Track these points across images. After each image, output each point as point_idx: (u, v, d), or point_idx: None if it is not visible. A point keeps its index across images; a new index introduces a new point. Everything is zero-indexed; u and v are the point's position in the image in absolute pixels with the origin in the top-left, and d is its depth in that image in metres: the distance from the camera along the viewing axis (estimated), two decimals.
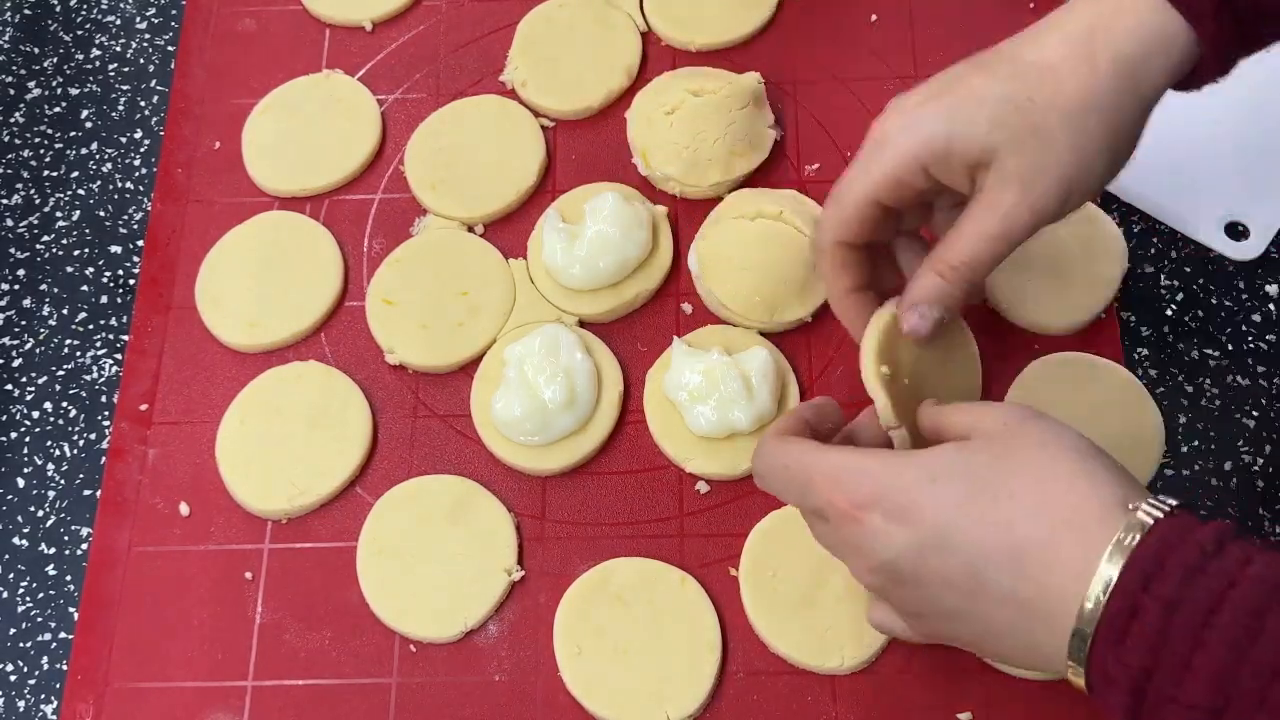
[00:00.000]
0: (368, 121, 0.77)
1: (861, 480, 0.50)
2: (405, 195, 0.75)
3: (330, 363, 0.71)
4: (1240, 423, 0.67)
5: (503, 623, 0.64)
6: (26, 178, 0.78)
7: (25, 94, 0.81)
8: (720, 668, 0.62)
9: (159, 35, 0.83)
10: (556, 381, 0.66)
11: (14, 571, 0.67)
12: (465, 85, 0.79)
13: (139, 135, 0.79)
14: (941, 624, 0.51)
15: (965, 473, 0.48)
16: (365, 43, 0.81)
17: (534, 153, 0.75)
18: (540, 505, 0.67)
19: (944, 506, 0.48)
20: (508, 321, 0.71)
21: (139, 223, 0.76)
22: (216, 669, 0.63)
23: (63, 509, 0.68)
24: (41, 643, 0.65)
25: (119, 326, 0.73)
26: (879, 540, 0.49)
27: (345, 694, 0.63)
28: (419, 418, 0.69)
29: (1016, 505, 0.47)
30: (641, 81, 0.78)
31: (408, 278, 0.72)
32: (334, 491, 0.67)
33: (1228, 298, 0.70)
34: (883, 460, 0.50)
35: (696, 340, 0.69)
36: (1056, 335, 0.69)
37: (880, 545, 0.49)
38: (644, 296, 0.71)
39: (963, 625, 0.49)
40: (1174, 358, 0.69)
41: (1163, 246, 0.72)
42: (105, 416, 0.70)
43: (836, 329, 0.70)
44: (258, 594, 0.65)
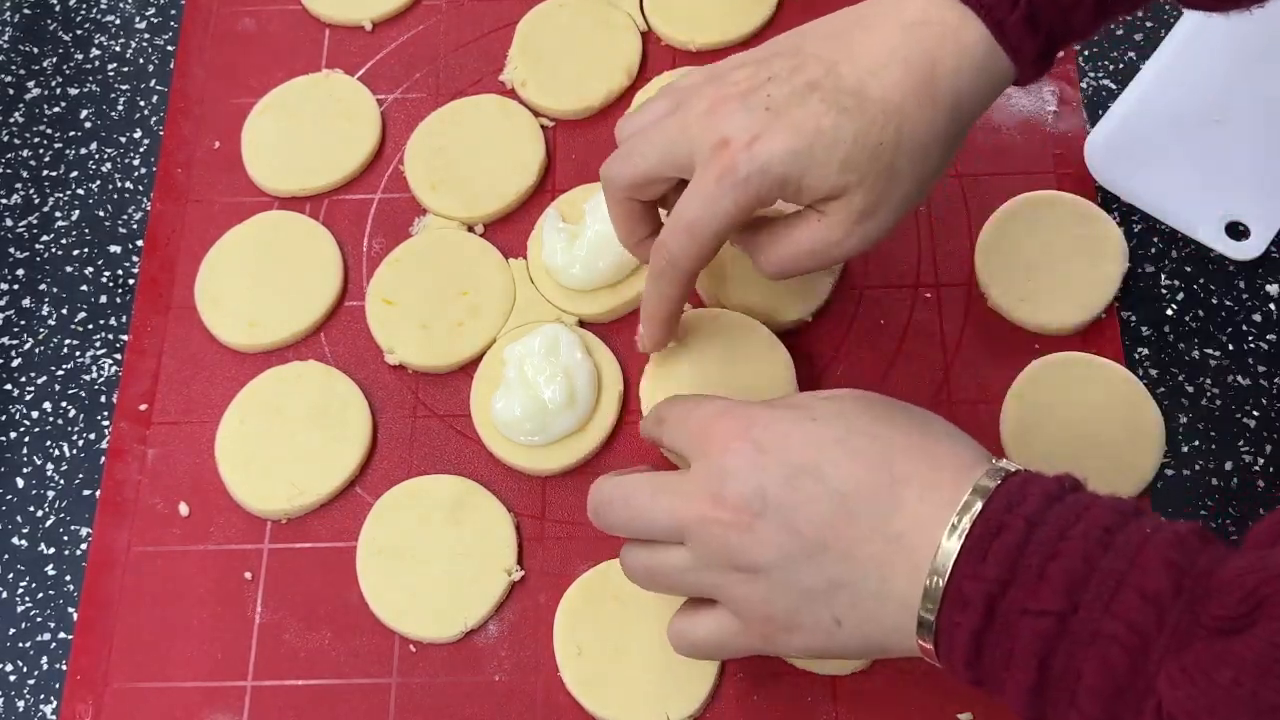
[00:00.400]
0: (367, 121, 0.77)
1: (744, 414, 0.52)
2: (405, 195, 0.75)
3: (330, 363, 0.71)
4: (1240, 423, 0.67)
5: (503, 623, 0.64)
6: (26, 177, 0.78)
7: (25, 94, 0.81)
8: (720, 668, 0.62)
9: (159, 35, 0.83)
10: (556, 381, 0.66)
11: (13, 571, 0.67)
12: (465, 85, 0.79)
13: (138, 135, 0.79)
14: (785, 576, 0.50)
15: (843, 415, 0.51)
16: (365, 42, 0.81)
17: (534, 153, 0.75)
18: (540, 505, 0.67)
19: (823, 441, 0.50)
20: (508, 321, 0.71)
21: (139, 222, 0.76)
22: (216, 669, 0.63)
23: (62, 509, 0.68)
24: (41, 643, 0.65)
25: (118, 326, 0.73)
26: (753, 466, 0.50)
27: (345, 694, 0.63)
28: (419, 418, 0.69)
29: (894, 447, 0.50)
30: (641, 81, 0.78)
31: (408, 278, 0.72)
32: (334, 491, 0.67)
33: (1228, 298, 0.70)
34: (764, 404, 0.54)
35: None
36: (1056, 335, 0.69)
37: (750, 472, 0.50)
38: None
39: (811, 575, 0.49)
40: (1174, 358, 0.69)
41: (1163, 246, 0.72)
42: (105, 416, 0.70)
43: (837, 329, 0.70)
44: (257, 594, 0.65)
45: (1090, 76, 0.77)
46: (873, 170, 0.54)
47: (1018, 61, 0.55)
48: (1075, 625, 0.43)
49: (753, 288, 0.69)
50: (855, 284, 0.71)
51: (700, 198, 0.56)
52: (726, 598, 0.52)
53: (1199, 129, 0.74)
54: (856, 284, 0.71)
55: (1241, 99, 0.74)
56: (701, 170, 0.56)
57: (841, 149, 0.53)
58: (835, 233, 0.56)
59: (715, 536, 0.51)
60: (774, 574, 0.50)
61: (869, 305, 0.71)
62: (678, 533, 0.52)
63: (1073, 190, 0.73)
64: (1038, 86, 0.76)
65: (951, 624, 0.46)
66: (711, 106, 0.56)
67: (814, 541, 0.49)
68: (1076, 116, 0.75)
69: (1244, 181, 0.72)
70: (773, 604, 0.51)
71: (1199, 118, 0.74)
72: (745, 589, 0.51)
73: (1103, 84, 0.77)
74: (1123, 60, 0.77)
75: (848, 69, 0.54)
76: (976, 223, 0.72)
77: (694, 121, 0.56)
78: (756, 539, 0.50)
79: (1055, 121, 0.75)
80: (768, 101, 0.54)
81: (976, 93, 0.55)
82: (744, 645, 0.53)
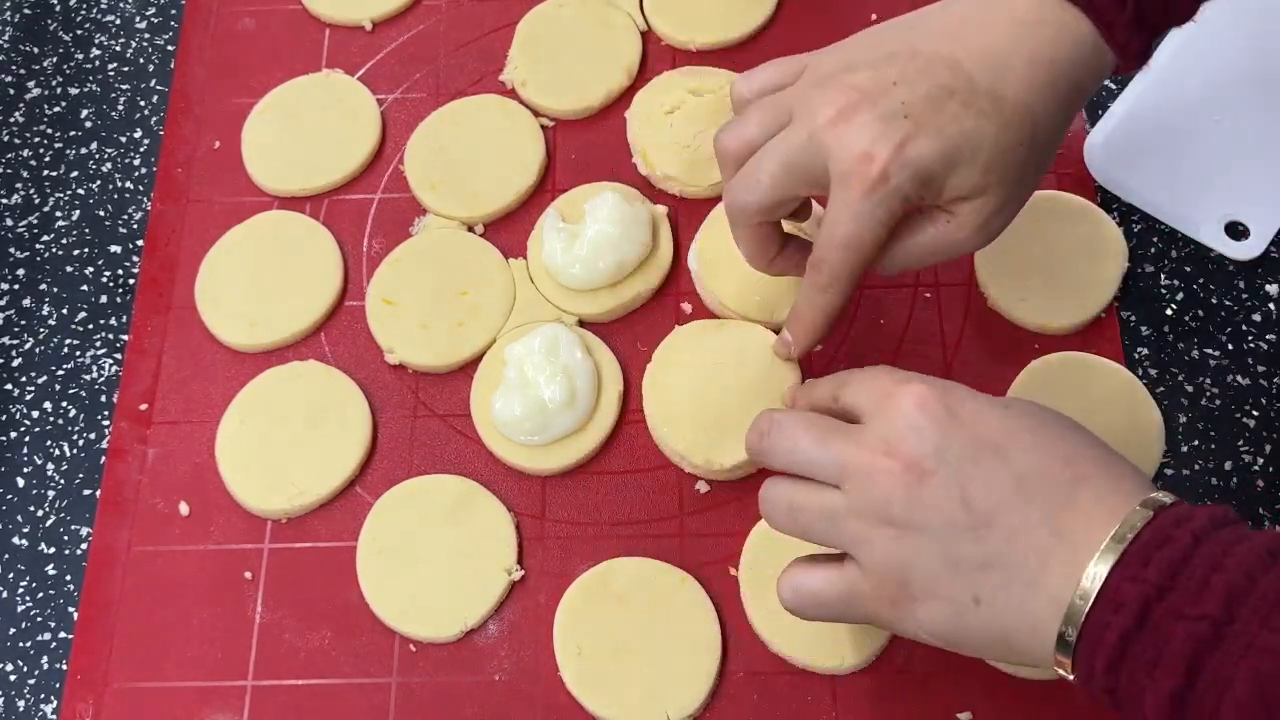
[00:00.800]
0: (367, 121, 0.77)
1: (943, 384, 0.52)
2: (405, 195, 0.75)
3: (330, 362, 0.71)
4: (1240, 423, 0.67)
5: (503, 623, 0.64)
6: (26, 177, 0.78)
7: (25, 94, 0.81)
8: (720, 668, 0.62)
9: (159, 35, 0.83)
10: (556, 381, 0.66)
11: (14, 571, 0.67)
12: (465, 85, 0.79)
13: (139, 135, 0.79)
14: (938, 541, 0.49)
15: (1038, 413, 0.51)
16: (365, 42, 0.81)
17: (534, 152, 0.75)
18: (540, 505, 0.67)
19: (1014, 427, 0.50)
20: (507, 321, 0.71)
21: (139, 222, 0.76)
22: (216, 669, 0.63)
23: (62, 509, 0.68)
24: (41, 642, 0.65)
25: (119, 326, 0.73)
26: (942, 427, 0.49)
27: (345, 694, 0.63)
28: (419, 417, 0.69)
29: (1079, 451, 0.49)
30: (641, 81, 0.78)
31: (408, 278, 0.72)
32: (334, 491, 0.67)
33: (1228, 298, 0.70)
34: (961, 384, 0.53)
35: None
36: (1056, 335, 0.69)
37: (935, 432, 0.49)
38: (644, 296, 0.71)
39: (967, 547, 0.48)
40: (1174, 358, 0.69)
41: (1163, 246, 0.72)
42: (105, 416, 0.70)
43: (837, 329, 0.70)
44: (257, 594, 0.65)
45: None
46: (1011, 171, 0.55)
47: (1123, 56, 0.55)
48: (1231, 635, 0.42)
49: (753, 288, 0.69)
50: None
51: (853, 212, 0.55)
52: (866, 553, 0.50)
53: (1199, 129, 0.74)
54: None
55: (1241, 99, 0.74)
56: (845, 184, 0.55)
57: (984, 153, 0.54)
58: (964, 231, 0.56)
59: (880, 484, 0.49)
60: (928, 535, 0.49)
61: (869, 305, 0.71)
62: (838, 474, 0.51)
63: (1073, 190, 0.73)
64: None
65: (1101, 624, 0.45)
66: (840, 115, 0.55)
67: (982, 515, 0.48)
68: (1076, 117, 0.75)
69: (1244, 181, 0.72)
70: (914, 567, 0.49)
71: (1199, 118, 0.74)
72: (891, 544, 0.49)
73: (1103, 84, 0.76)
74: None
75: (978, 72, 0.54)
76: None
77: (822, 132, 0.55)
78: (923, 495, 0.49)
79: None
80: (904, 109, 0.54)
81: (1088, 88, 0.56)
82: (864, 609, 0.52)
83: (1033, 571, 0.47)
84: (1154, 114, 0.74)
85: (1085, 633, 0.45)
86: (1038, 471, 0.48)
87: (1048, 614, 0.46)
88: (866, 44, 0.57)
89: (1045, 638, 0.47)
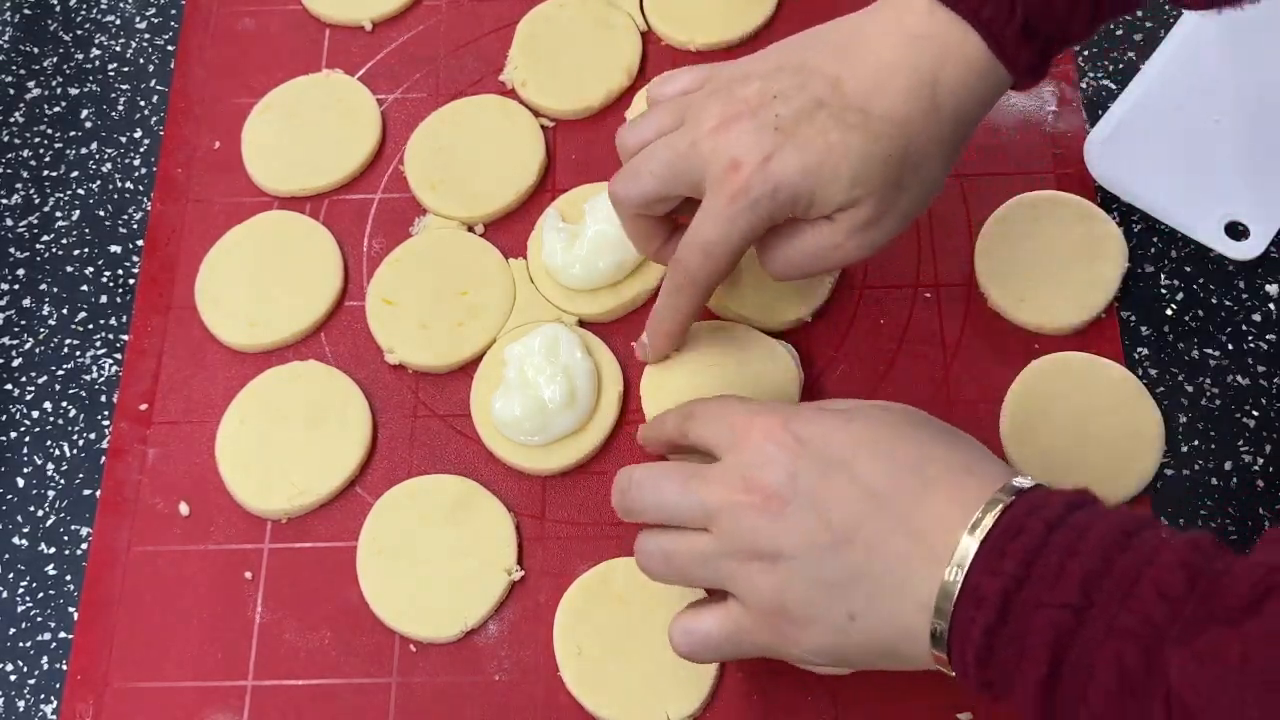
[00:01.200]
0: (367, 121, 0.77)
1: (787, 411, 0.53)
2: (405, 195, 0.75)
3: (330, 362, 0.71)
4: (1240, 423, 0.67)
5: (503, 623, 0.64)
6: (26, 177, 0.78)
7: (25, 94, 0.81)
8: (720, 668, 0.62)
9: (159, 35, 0.83)
10: (556, 381, 0.66)
11: (14, 571, 0.67)
12: (465, 85, 0.79)
13: (139, 135, 0.79)
14: (806, 565, 0.50)
15: (884, 422, 0.52)
16: (365, 42, 0.81)
17: (534, 153, 0.75)
18: (540, 505, 0.67)
19: (861, 441, 0.51)
20: (508, 321, 0.71)
21: (139, 222, 0.76)
22: (216, 669, 0.63)
23: (62, 509, 0.68)
24: (41, 643, 0.65)
25: (119, 326, 0.73)
26: (792, 455, 0.51)
27: (345, 694, 0.63)
28: (419, 418, 0.69)
29: (929, 455, 0.51)
30: (641, 81, 0.78)
31: (408, 278, 0.72)
32: (334, 491, 0.67)
33: (1228, 298, 0.70)
34: (805, 405, 0.55)
35: None
36: (1056, 335, 0.69)
37: (785, 460, 0.51)
38: (644, 296, 0.71)
39: (832, 566, 0.49)
40: (1174, 358, 0.69)
41: (1163, 246, 0.72)
42: (105, 416, 0.70)
43: (837, 329, 0.70)
44: (257, 594, 0.65)
45: (1090, 76, 0.77)
46: (881, 183, 0.55)
47: (1014, 71, 0.56)
48: (1090, 620, 0.43)
49: (752, 289, 0.69)
50: (855, 284, 0.71)
51: (714, 218, 0.56)
52: (744, 589, 0.52)
53: (1199, 129, 0.74)
54: (856, 284, 0.71)
55: (1241, 99, 0.74)
56: (714, 191, 0.56)
57: (850, 165, 0.54)
58: (838, 238, 0.57)
59: (743, 521, 0.51)
60: (795, 563, 0.50)
61: (869, 305, 0.71)
62: (704, 518, 0.52)
63: (1073, 190, 0.73)
64: (1038, 86, 0.76)
65: (966, 620, 0.46)
66: (721, 125, 0.56)
67: (840, 533, 0.49)
68: (1076, 116, 0.75)
69: (1244, 181, 0.72)
70: (789, 594, 0.50)
71: (1199, 118, 0.74)
72: (764, 577, 0.51)
73: (1103, 84, 0.77)
74: (1123, 60, 0.77)
75: (852, 84, 0.55)
76: (976, 223, 0.72)
77: (703, 139, 0.57)
78: (784, 525, 0.50)
79: (1055, 121, 0.75)
80: (776, 121, 0.55)
81: (977, 103, 0.57)
82: (751, 642, 0.53)
83: (898, 579, 0.48)
84: (1154, 114, 0.74)
85: (954, 630, 0.47)
86: (887, 480, 0.50)
87: (919, 618, 0.48)
88: (768, 56, 0.59)
89: (922, 640, 0.48)
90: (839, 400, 0.56)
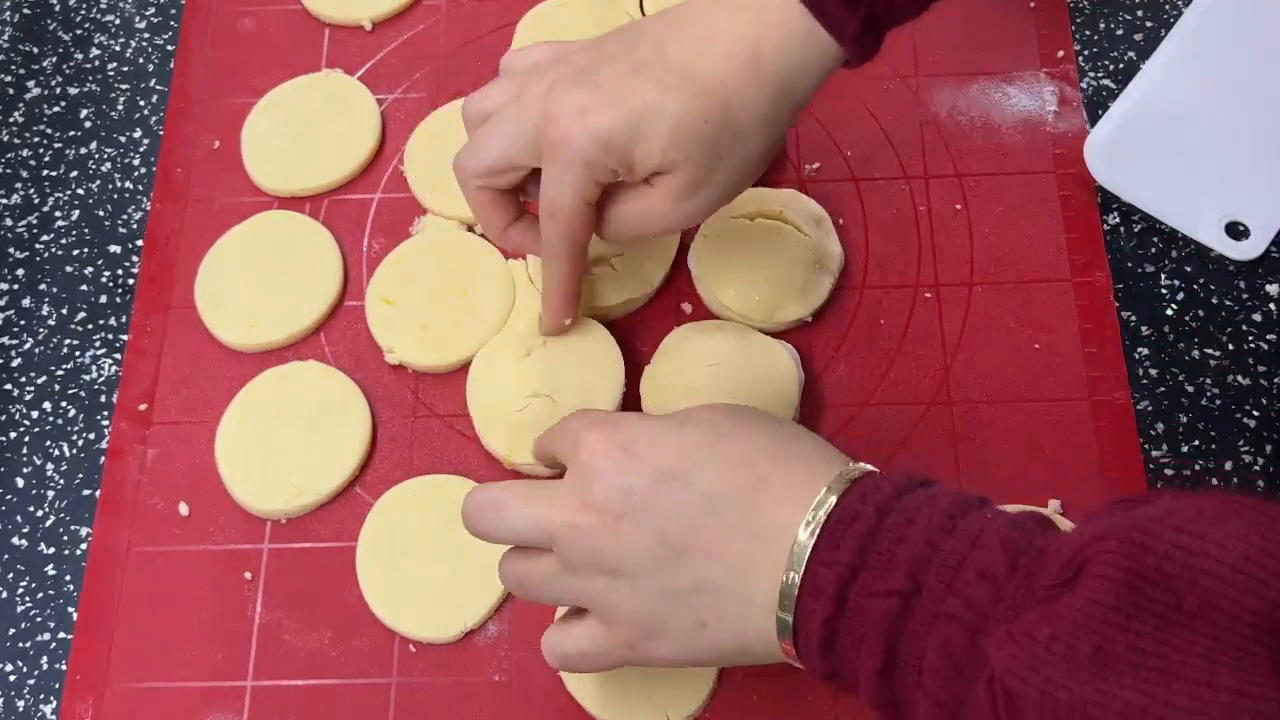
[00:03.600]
0: (367, 121, 0.77)
1: (618, 422, 0.53)
2: (405, 195, 0.75)
3: (330, 362, 0.71)
4: (1240, 423, 0.67)
5: (503, 623, 0.64)
6: (26, 177, 0.78)
7: (25, 94, 0.81)
8: (720, 668, 0.62)
9: (158, 35, 0.83)
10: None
11: (13, 571, 0.67)
12: (465, 85, 0.79)
13: (138, 135, 0.79)
14: (650, 578, 0.50)
15: (712, 423, 0.52)
16: (365, 42, 0.81)
17: None
18: None
19: (690, 446, 0.51)
20: (508, 322, 0.71)
21: (138, 222, 0.76)
22: (216, 669, 0.63)
23: (62, 509, 0.68)
24: (41, 643, 0.65)
25: (118, 326, 0.73)
26: (620, 468, 0.50)
27: (345, 694, 0.63)
28: (419, 418, 0.69)
29: (759, 451, 0.50)
30: None
31: (407, 278, 0.72)
32: (334, 491, 0.67)
33: (1228, 298, 0.70)
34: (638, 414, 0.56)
35: None
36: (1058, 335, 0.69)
37: (618, 474, 0.50)
38: (644, 297, 0.71)
39: (676, 577, 0.49)
40: (1174, 358, 0.69)
41: (1163, 246, 0.72)
42: (104, 416, 0.70)
43: (836, 329, 0.70)
44: (257, 594, 0.65)
45: (1090, 76, 0.77)
46: (698, 147, 0.56)
47: (842, 40, 0.55)
48: (919, 606, 0.44)
49: (753, 288, 0.69)
50: (855, 284, 0.71)
51: (549, 179, 0.58)
52: (594, 605, 0.52)
53: (1199, 129, 0.74)
54: (856, 284, 0.71)
55: (1242, 99, 0.74)
56: (548, 152, 0.57)
57: (666, 124, 0.55)
58: (662, 204, 0.58)
59: (580, 540, 0.50)
60: (639, 576, 0.50)
61: (869, 305, 0.71)
62: (546, 538, 0.52)
63: (1073, 190, 0.73)
64: (1038, 86, 0.76)
65: (807, 613, 0.46)
66: (549, 91, 0.57)
67: (680, 543, 0.49)
68: (1076, 116, 0.75)
69: (1244, 181, 0.72)
70: (638, 608, 0.50)
71: (1199, 118, 0.74)
72: (612, 595, 0.51)
73: (1103, 84, 0.77)
74: (1123, 60, 0.77)
75: (674, 50, 0.56)
76: (976, 223, 0.72)
77: (532, 105, 0.58)
78: (621, 541, 0.50)
79: (1055, 121, 0.75)
80: (598, 81, 0.56)
81: (804, 73, 0.56)
82: (613, 655, 0.53)
83: (743, 582, 0.48)
84: (1154, 114, 0.74)
85: (798, 624, 0.47)
86: (720, 484, 0.49)
87: (767, 619, 0.48)
88: (617, 30, 0.60)
89: (771, 638, 0.48)
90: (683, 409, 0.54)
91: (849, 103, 0.76)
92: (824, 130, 0.76)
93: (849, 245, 0.72)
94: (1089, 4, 0.79)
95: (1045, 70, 0.77)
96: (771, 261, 0.69)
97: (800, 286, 0.70)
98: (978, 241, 0.72)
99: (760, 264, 0.69)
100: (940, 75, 0.77)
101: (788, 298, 0.69)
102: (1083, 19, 0.79)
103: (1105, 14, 0.79)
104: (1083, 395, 0.68)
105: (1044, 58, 0.77)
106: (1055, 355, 0.69)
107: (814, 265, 0.70)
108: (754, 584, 0.48)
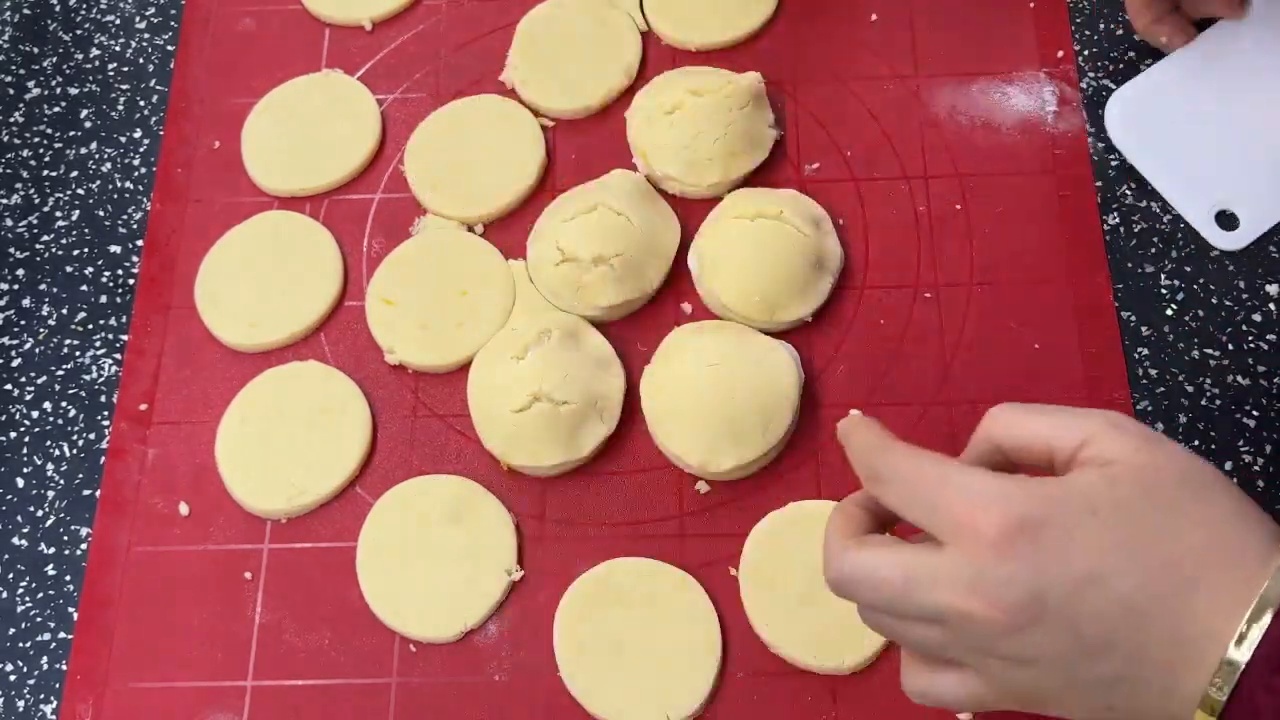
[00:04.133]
0: (367, 121, 0.77)
1: (1010, 504, 0.46)
2: (405, 195, 0.75)
3: (330, 362, 0.71)
4: (1240, 423, 0.67)
5: (503, 623, 0.64)
6: (26, 177, 0.78)
7: (25, 94, 0.81)
8: (720, 668, 0.62)
9: (158, 35, 0.83)
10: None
11: (13, 571, 0.67)
12: (465, 85, 0.79)
13: (138, 135, 0.79)
14: (1058, 668, 0.47)
15: (1125, 508, 0.46)
16: (365, 42, 0.81)
17: (534, 152, 0.75)
18: (540, 505, 0.67)
19: (1107, 545, 0.46)
20: (508, 321, 0.71)
21: (138, 222, 0.76)
22: (216, 669, 0.63)
23: (62, 509, 0.68)
24: (41, 643, 0.65)
25: (118, 326, 0.73)
26: (1030, 572, 0.45)
27: (345, 694, 0.63)
28: (419, 418, 0.69)
29: (1182, 546, 0.45)
30: (641, 81, 0.78)
31: (407, 278, 0.72)
32: (334, 491, 0.67)
33: (1228, 298, 0.70)
34: (1026, 486, 0.46)
35: None
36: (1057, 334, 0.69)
37: (1029, 578, 0.45)
38: (644, 297, 0.71)
39: (1090, 670, 0.46)
40: (1174, 358, 0.69)
41: (1163, 246, 0.72)
42: (105, 416, 0.70)
43: (836, 329, 0.70)
44: (257, 594, 0.65)
45: (1090, 76, 0.77)
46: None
47: None
48: None
49: (753, 288, 0.69)
50: (855, 284, 0.71)
51: None
52: (984, 672, 0.49)
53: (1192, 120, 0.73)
54: (856, 284, 0.71)
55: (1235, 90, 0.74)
56: None
57: None
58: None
59: (981, 628, 0.46)
60: (1042, 665, 0.47)
61: (869, 305, 0.71)
62: (935, 619, 0.48)
63: (1072, 191, 0.73)
64: (1038, 86, 0.76)
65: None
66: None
67: (1099, 643, 0.46)
68: (1077, 116, 0.75)
69: (1236, 172, 0.72)
70: (1039, 686, 0.48)
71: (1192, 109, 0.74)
72: (1006, 672, 0.47)
73: (1103, 84, 0.76)
74: (1123, 60, 0.77)
75: None
76: (976, 223, 0.72)
77: None
78: (1031, 640, 0.46)
79: (1055, 121, 0.75)
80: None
81: None
82: (997, 708, 0.50)
83: (1163, 683, 0.46)
84: (1178, 91, 0.73)
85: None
86: (1143, 590, 0.45)
87: (1186, 709, 0.45)
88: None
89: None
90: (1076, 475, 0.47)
91: (849, 103, 0.76)
92: (824, 130, 0.76)
93: (849, 245, 0.72)
94: (1089, 4, 0.79)
95: (1045, 70, 0.77)
96: (771, 261, 0.69)
97: (800, 286, 0.69)
98: (978, 241, 0.72)
99: (760, 264, 0.69)
100: (940, 75, 0.77)
101: (788, 298, 0.69)
102: (1083, 19, 0.79)
103: (1105, 14, 0.79)
104: (1082, 395, 0.68)
105: (1044, 58, 0.77)
106: (1055, 355, 0.69)
107: (814, 265, 0.70)
108: (1178, 686, 0.45)
